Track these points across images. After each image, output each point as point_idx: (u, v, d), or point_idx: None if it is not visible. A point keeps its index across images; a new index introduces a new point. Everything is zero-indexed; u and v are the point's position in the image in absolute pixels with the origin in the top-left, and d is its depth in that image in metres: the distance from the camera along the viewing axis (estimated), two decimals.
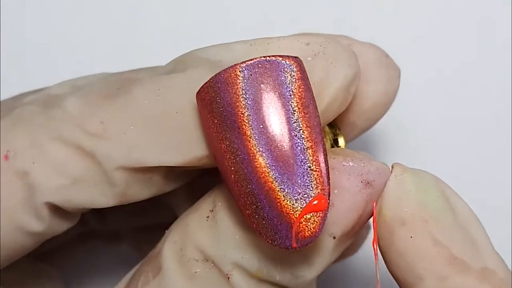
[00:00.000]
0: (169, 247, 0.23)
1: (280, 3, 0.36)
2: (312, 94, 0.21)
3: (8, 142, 0.22)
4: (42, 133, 0.22)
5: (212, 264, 0.22)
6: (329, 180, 0.20)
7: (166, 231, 0.24)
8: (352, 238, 0.23)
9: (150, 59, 0.26)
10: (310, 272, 0.22)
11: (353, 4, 0.36)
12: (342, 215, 0.22)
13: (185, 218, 0.23)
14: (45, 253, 0.30)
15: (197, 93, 0.21)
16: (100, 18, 0.36)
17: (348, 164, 0.22)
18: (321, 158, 0.20)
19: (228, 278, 0.22)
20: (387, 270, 0.22)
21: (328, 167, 0.21)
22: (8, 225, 0.23)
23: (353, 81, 0.23)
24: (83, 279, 0.34)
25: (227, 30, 0.34)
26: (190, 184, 0.26)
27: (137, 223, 0.31)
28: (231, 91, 0.21)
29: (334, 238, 0.22)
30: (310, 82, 0.21)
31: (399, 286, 0.22)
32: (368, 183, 0.22)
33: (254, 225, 0.21)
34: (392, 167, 0.22)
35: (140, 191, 0.23)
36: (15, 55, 0.35)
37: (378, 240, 0.22)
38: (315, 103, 0.21)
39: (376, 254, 0.21)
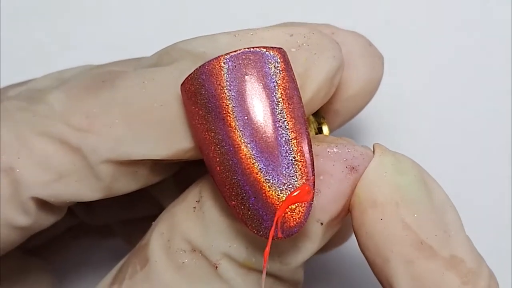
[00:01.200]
0: (156, 238, 0.23)
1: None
2: (296, 85, 0.21)
3: None
4: (28, 129, 0.22)
5: (200, 254, 0.22)
6: (313, 170, 0.21)
7: (153, 223, 0.24)
8: (340, 224, 0.23)
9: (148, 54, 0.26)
10: (299, 259, 0.23)
11: (351, 2, 0.35)
12: (328, 201, 0.22)
13: (172, 209, 0.23)
14: (37, 248, 0.30)
15: (182, 84, 0.21)
16: (98, 14, 0.36)
17: (332, 151, 0.22)
18: (306, 149, 0.21)
19: (216, 267, 0.22)
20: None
21: (312, 158, 0.21)
22: None
23: (337, 73, 0.23)
24: (76, 273, 0.34)
25: (225, 24, 0.34)
26: (176, 175, 0.26)
27: (126, 216, 0.31)
28: (215, 82, 0.21)
29: (322, 224, 0.22)
30: (294, 73, 0.21)
31: (370, 267, 0.22)
32: (353, 168, 0.22)
33: (240, 216, 0.21)
34: (374, 147, 0.23)
35: (126, 184, 0.23)
36: (14, 53, 0.35)
37: (352, 220, 0.22)
38: (299, 94, 0.21)
39: (265, 262, 0.21)
